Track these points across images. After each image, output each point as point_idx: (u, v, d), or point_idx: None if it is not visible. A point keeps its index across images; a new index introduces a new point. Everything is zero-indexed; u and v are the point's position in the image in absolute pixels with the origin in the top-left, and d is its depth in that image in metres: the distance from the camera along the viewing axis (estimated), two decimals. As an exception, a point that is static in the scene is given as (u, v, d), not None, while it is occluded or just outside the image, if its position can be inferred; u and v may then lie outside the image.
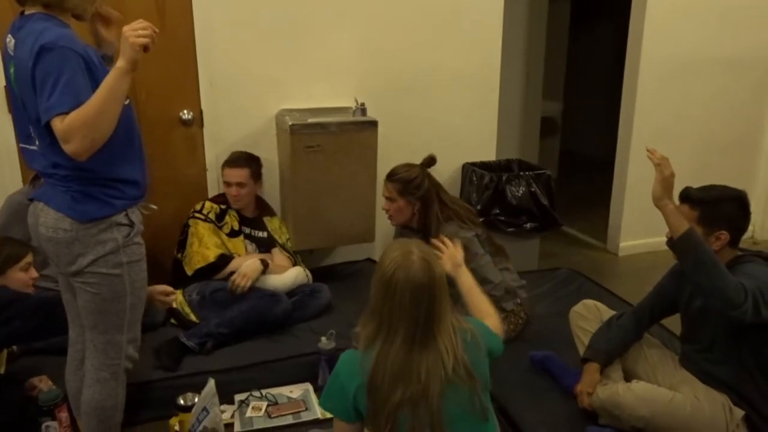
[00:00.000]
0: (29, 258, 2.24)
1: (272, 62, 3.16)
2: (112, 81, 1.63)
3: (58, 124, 1.60)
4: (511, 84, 4.72)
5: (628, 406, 1.97)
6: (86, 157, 1.64)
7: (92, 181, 1.74)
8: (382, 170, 3.08)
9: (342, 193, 3.10)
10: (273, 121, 3.23)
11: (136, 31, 1.63)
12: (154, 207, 1.97)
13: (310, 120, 3.01)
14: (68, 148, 1.61)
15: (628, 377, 2.17)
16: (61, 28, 1.68)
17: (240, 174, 2.91)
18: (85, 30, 1.87)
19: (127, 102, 1.77)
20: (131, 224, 1.81)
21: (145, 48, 1.64)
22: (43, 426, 2.05)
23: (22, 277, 2.21)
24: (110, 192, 1.76)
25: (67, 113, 1.59)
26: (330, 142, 3.02)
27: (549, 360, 2.46)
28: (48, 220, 1.75)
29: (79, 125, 1.59)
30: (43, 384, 2.20)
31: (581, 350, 2.31)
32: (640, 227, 4.07)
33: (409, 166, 2.61)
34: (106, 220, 1.76)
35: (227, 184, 2.92)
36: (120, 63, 1.64)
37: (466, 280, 1.93)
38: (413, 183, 2.56)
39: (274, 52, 3.16)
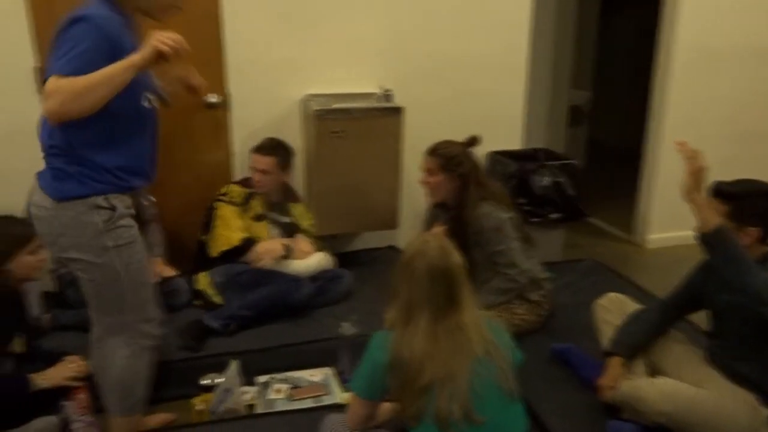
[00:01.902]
0: (38, 240, 2.14)
1: (297, 47, 3.15)
2: (115, 68, 1.62)
3: (50, 82, 1.60)
4: (539, 72, 4.65)
5: (651, 401, 1.95)
6: (55, 121, 1.64)
7: (72, 160, 1.73)
8: (406, 157, 3.07)
9: (366, 179, 3.10)
10: (298, 105, 3.23)
11: (164, 37, 1.62)
12: (153, 199, 1.97)
13: (335, 105, 3.01)
14: (44, 105, 1.61)
15: (652, 372, 2.15)
16: (109, 11, 1.70)
17: (265, 161, 2.92)
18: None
19: (149, 106, 1.78)
20: (113, 208, 1.78)
21: (162, 55, 1.63)
22: (60, 404, 2.09)
23: (29, 261, 2.19)
24: (88, 173, 1.74)
25: (65, 77, 1.59)
26: (354, 128, 3.02)
27: (570, 352, 2.45)
28: (36, 198, 1.78)
29: (63, 89, 1.58)
30: (75, 365, 2.20)
31: (604, 343, 2.29)
32: (668, 219, 4.00)
33: (451, 143, 2.59)
34: (83, 202, 1.74)
35: (253, 168, 2.94)
36: (134, 56, 1.64)
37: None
38: (455, 160, 2.54)
39: (299, 37, 3.15)
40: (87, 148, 1.73)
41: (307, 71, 3.21)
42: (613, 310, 2.35)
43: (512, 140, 3.71)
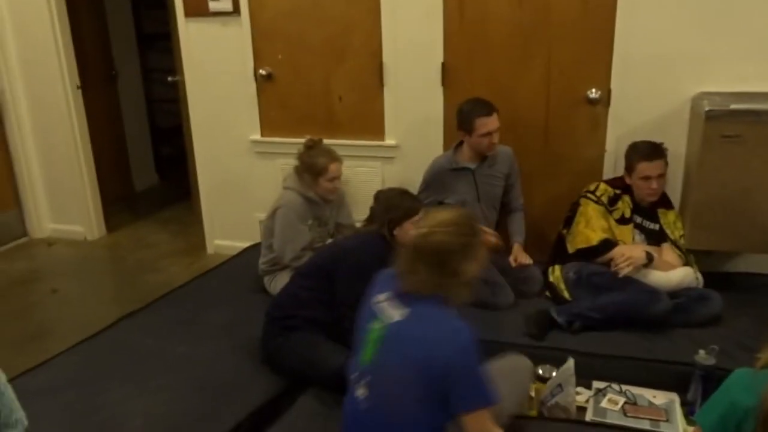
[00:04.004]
0: (422, 214, 2.47)
1: (696, 38, 2.85)
2: None
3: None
4: None
5: None
6: None
7: None
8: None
9: (759, 194, 2.67)
10: (687, 104, 2.95)
11: None
12: None
13: (734, 106, 2.65)
14: None
15: None
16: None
17: (659, 166, 2.77)
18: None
19: None
20: None
21: None
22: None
23: (412, 231, 2.50)
24: None
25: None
26: (754, 133, 2.62)
27: None
28: None
29: None
30: None
31: None
32: None
33: None
34: None
35: (646, 178, 2.76)
36: None
37: None
38: None
39: (700, 26, 2.84)
40: None
41: (705, 66, 2.89)
42: None
43: None
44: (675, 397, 2.29)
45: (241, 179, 3.88)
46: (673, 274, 2.71)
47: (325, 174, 2.95)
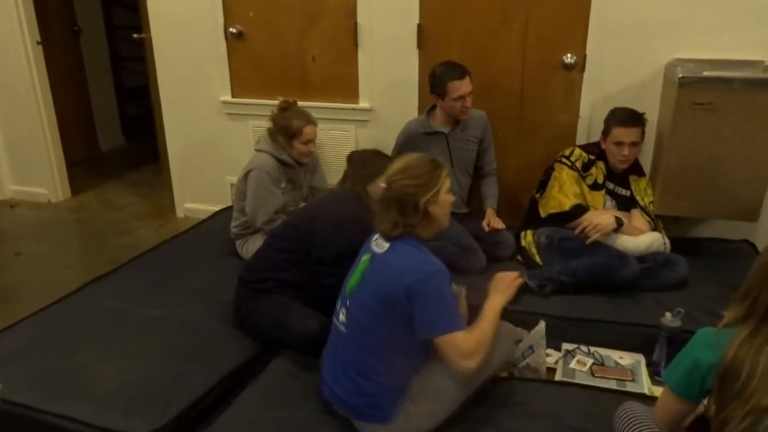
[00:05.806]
0: None
1: (673, 4, 2.85)
2: (496, 313, 1.94)
3: (465, 339, 1.79)
4: None
5: None
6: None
7: None
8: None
9: (728, 161, 2.71)
10: (662, 71, 2.96)
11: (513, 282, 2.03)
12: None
13: (706, 73, 2.67)
14: (464, 364, 1.79)
15: None
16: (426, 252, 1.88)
17: (634, 133, 2.78)
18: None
19: None
20: None
21: None
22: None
23: None
24: None
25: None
26: (726, 101, 2.64)
27: None
28: None
29: (483, 346, 1.83)
30: None
31: None
32: None
33: None
34: None
35: (618, 143, 2.78)
36: (501, 301, 1.99)
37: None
38: None
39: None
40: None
41: (681, 33, 2.89)
42: None
43: None
44: (641, 358, 2.36)
45: (211, 141, 3.79)
46: (642, 239, 2.76)
47: (300, 136, 2.90)
